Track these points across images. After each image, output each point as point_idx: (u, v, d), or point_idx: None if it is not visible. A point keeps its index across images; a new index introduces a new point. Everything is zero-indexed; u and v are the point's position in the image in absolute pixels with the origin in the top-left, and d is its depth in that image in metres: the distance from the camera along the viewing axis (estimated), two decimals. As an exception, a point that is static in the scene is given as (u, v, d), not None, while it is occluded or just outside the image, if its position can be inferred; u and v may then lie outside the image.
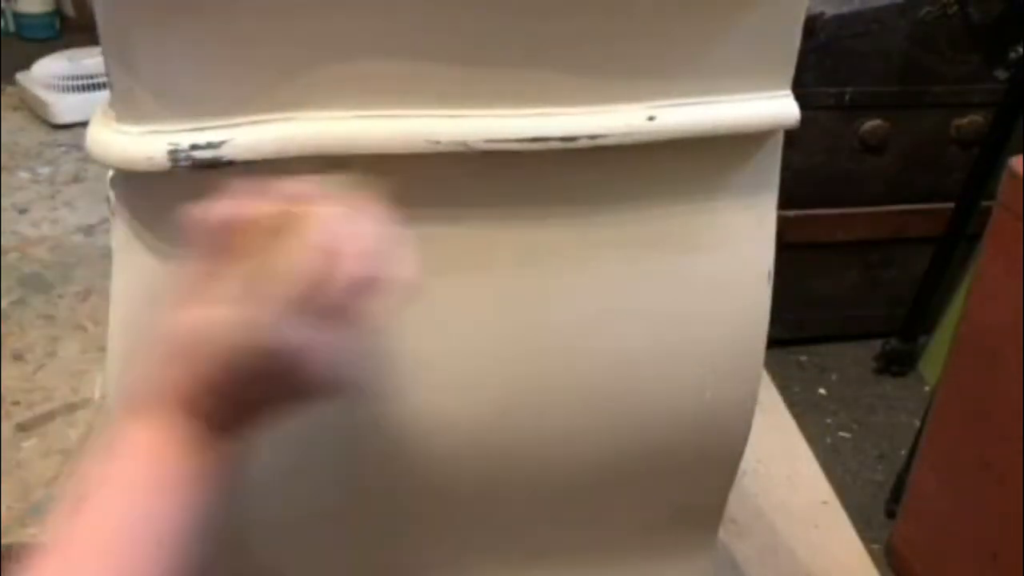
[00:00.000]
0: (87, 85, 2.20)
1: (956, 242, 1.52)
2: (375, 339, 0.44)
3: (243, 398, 0.46)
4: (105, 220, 1.78)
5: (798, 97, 0.60)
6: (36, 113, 2.24)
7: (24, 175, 2.03)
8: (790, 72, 0.59)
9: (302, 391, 0.47)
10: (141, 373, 0.46)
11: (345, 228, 0.46)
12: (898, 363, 1.67)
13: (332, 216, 0.46)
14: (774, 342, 0.69)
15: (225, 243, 0.45)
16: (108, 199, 0.56)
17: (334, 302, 0.45)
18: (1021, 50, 1.48)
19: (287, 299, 0.44)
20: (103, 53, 0.50)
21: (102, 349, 1.41)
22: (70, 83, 2.19)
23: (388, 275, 0.46)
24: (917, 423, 1.39)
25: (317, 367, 0.45)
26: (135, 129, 0.51)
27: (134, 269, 0.56)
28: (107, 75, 0.51)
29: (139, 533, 0.42)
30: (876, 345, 1.69)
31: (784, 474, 1.35)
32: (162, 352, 0.45)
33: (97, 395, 1.40)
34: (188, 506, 0.44)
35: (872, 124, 1.51)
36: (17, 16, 2.70)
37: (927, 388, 1.62)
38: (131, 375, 0.47)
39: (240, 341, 0.44)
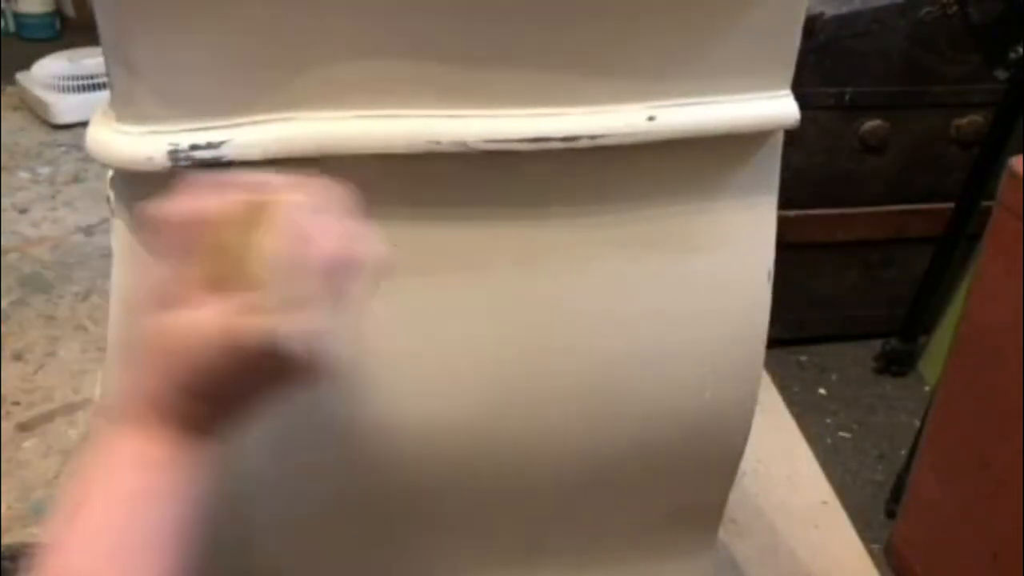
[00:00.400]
0: (87, 85, 2.20)
1: (956, 242, 1.52)
2: (350, 323, 0.44)
3: (222, 395, 0.45)
4: (105, 220, 1.78)
5: (798, 97, 0.60)
6: (36, 113, 2.24)
7: (24, 175, 2.03)
8: (790, 72, 0.59)
9: (281, 380, 0.46)
10: (120, 382, 0.46)
11: (312, 214, 0.45)
12: (898, 363, 1.67)
13: (297, 203, 0.45)
14: (774, 342, 0.69)
15: (189, 240, 0.44)
16: (108, 199, 0.56)
17: (310, 288, 0.44)
18: (1021, 50, 1.48)
19: (263, 291, 0.43)
20: (103, 53, 0.50)
21: (102, 349, 1.41)
22: (70, 83, 2.19)
23: (358, 256, 0.46)
24: (917, 423, 1.38)
25: (296, 355, 0.44)
26: (135, 129, 0.51)
27: (134, 269, 0.56)
28: (107, 75, 0.51)
29: (133, 539, 0.43)
30: (876, 345, 1.69)
31: (784, 474, 1.34)
32: (139, 360, 0.45)
33: (97, 395, 1.40)
34: (176, 509, 0.45)
35: (872, 124, 1.51)
36: (17, 16, 2.70)
37: (927, 388, 1.62)
38: (111, 385, 0.46)
39: (219, 341, 0.43)
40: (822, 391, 1.64)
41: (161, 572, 0.43)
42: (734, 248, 0.64)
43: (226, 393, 0.46)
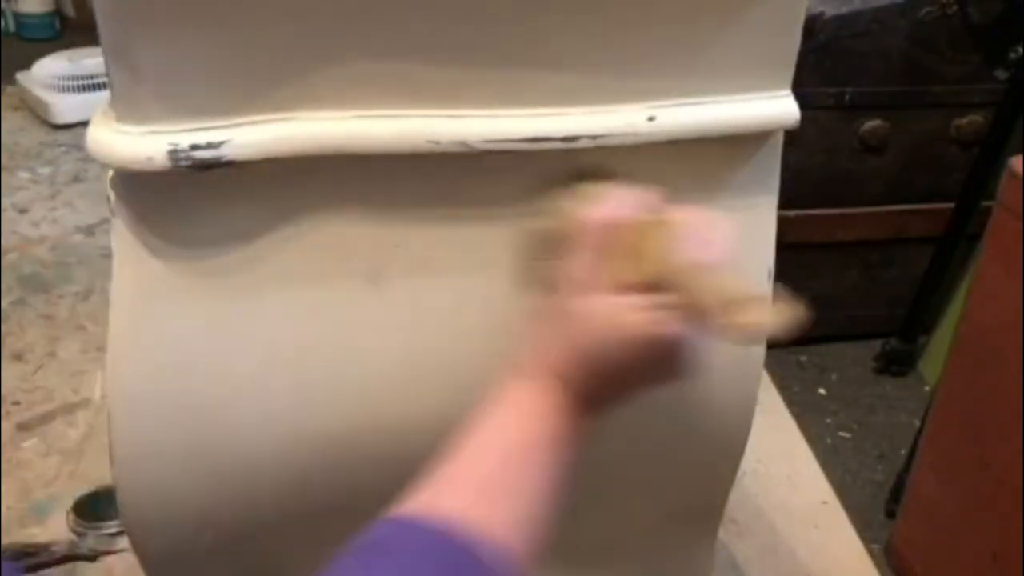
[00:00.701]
0: (87, 85, 2.20)
1: (956, 242, 1.52)
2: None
3: (614, 380, 0.51)
4: (105, 220, 1.78)
5: (798, 97, 0.60)
6: (36, 113, 2.24)
7: (24, 175, 2.03)
8: (790, 72, 0.59)
9: (663, 377, 0.52)
10: (529, 343, 0.52)
11: (707, 233, 0.52)
12: (898, 363, 1.67)
13: (691, 222, 0.51)
14: (774, 342, 0.68)
15: (606, 241, 0.51)
16: (108, 199, 0.56)
17: (715, 295, 0.50)
18: (1021, 50, 1.48)
19: (680, 295, 0.49)
20: (103, 53, 0.50)
21: (102, 349, 1.41)
22: (70, 83, 2.19)
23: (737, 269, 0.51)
24: (917, 423, 1.39)
25: (684, 356, 0.51)
26: (135, 129, 0.51)
27: (134, 269, 0.56)
28: (107, 75, 0.51)
29: (504, 483, 0.47)
30: (876, 345, 1.69)
31: (784, 474, 1.34)
32: (554, 329, 0.51)
33: (97, 395, 1.40)
34: (548, 465, 0.49)
35: (872, 124, 1.51)
36: (17, 16, 2.70)
37: (927, 388, 1.62)
38: (521, 342, 0.52)
39: (637, 333, 0.49)
40: (822, 391, 1.64)
41: (524, 519, 0.47)
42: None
43: (617, 379, 0.51)
